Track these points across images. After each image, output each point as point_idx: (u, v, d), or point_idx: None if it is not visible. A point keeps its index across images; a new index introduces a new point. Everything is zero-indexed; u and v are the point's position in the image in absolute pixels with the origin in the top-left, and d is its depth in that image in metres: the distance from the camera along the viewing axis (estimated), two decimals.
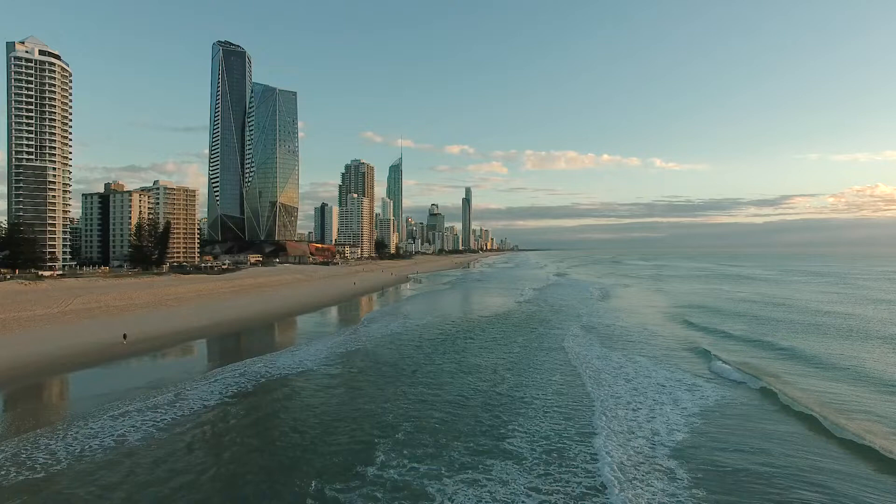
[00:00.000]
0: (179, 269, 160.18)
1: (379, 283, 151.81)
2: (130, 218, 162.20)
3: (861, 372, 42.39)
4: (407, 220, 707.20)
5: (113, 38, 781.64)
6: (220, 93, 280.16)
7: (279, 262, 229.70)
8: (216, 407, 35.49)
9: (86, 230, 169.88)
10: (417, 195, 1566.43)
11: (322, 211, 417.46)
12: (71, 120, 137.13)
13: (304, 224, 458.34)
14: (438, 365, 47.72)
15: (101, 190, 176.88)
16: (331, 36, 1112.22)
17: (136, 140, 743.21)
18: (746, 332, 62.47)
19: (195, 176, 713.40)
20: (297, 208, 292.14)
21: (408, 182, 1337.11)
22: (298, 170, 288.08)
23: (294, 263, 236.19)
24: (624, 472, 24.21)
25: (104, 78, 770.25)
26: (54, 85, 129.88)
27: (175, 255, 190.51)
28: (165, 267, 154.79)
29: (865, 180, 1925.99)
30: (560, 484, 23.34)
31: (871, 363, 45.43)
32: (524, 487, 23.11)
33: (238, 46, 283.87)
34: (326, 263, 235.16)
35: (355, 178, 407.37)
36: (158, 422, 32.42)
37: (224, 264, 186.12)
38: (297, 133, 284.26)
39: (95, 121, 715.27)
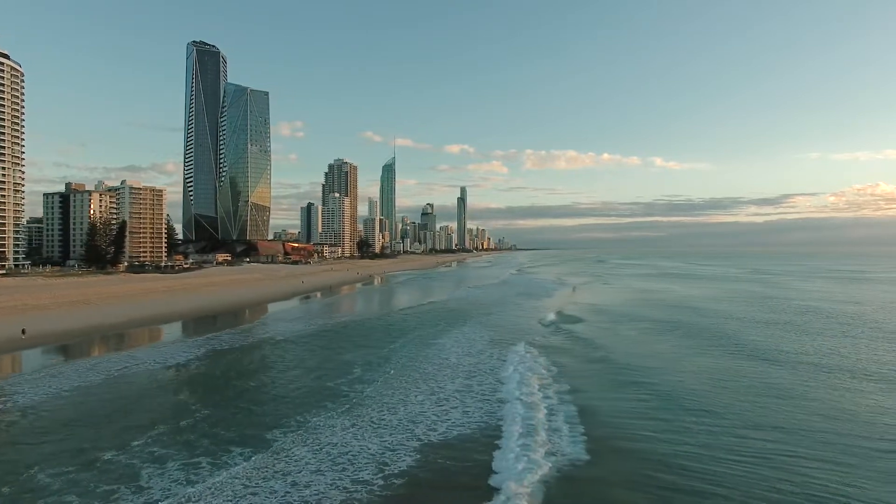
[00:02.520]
0: (138, 268, 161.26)
1: (329, 283, 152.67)
2: (90, 217, 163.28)
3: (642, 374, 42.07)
4: (403, 220, 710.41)
5: (113, 38, 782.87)
6: (193, 93, 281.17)
7: (249, 262, 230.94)
8: (40, 403, 36.06)
9: (47, 229, 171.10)
10: (417, 195, 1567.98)
11: (308, 210, 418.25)
12: (23, 119, 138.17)
13: (296, 224, 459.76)
14: (301, 362, 48.77)
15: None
16: (330, 36, 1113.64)
17: (137, 140, 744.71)
18: (611, 334, 61.30)
19: None
20: (268, 208, 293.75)
21: (408, 181, 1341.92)
22: (270, 169, 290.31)
23: (266, 262, 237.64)
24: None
25: (103, 78, 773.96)
26: (3, 84, 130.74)
27: (141, 254, 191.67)
28: (122, 266, 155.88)
29: (866, 179, 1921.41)
30: (275, 481, 24.06)
31: (671, 368, 44.63)
32: (227, 476, 23.91)
33: (213, 46, 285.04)
34: (297, 263, 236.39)
35: (338, 178, 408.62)
36: None
37: (186, 264, 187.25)
38: (268, 132, 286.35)
39: (95, 121, 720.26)
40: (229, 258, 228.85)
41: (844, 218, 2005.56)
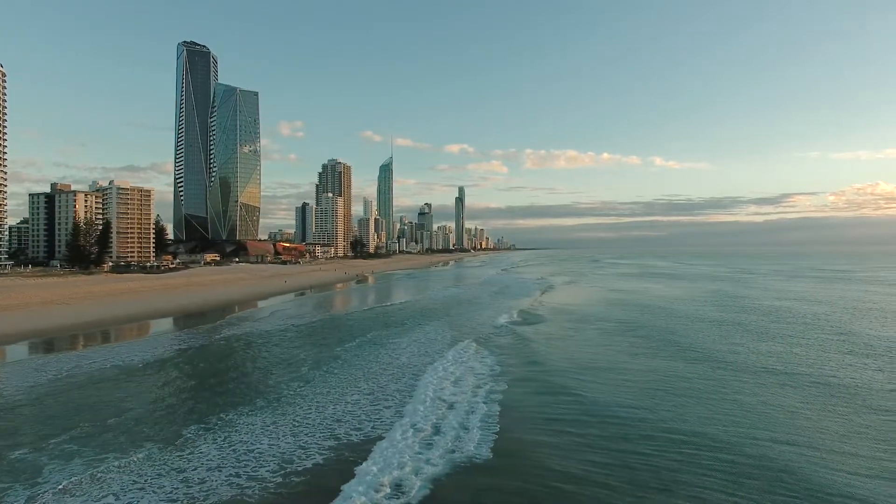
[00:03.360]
0: (123, 268, 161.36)
1: (312, 283, 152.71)
2: (75, 217, 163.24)
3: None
4: (401, 219, 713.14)
5: (113, 38, 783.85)
6: (184, 93, 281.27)
7: (238, 262, 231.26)
8: None
9: (32, 230, 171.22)
10: (417, 194, 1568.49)
11: (303, 210, 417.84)
12: (6, 118, 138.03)
13: (291, 224, 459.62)
14: (250, 361, 48.96)
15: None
16: (330, 36, 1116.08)
17: (137, 140, 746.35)
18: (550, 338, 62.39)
19: None
20: (258, 208, 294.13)
21: (408, 181, 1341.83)
22: (260, 169, 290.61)
23: (255, 263, 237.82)
24: None
25: (103, 79, 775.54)
26: None
27: (129, 254, 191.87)
28: (106, 266, 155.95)
29: (866, 178, 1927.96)
30: (168, 477, 24.23)
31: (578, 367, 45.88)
32: (118, 471, 24.07)
33: (203, 46, 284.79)
34: (285, 263, 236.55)
35: (332, 178, 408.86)
36: None
37: (172, 264, 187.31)
38: (258, 133, 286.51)
39: (95, 121, 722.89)
40: (218, 258, 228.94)
41: (844, 217, 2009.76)
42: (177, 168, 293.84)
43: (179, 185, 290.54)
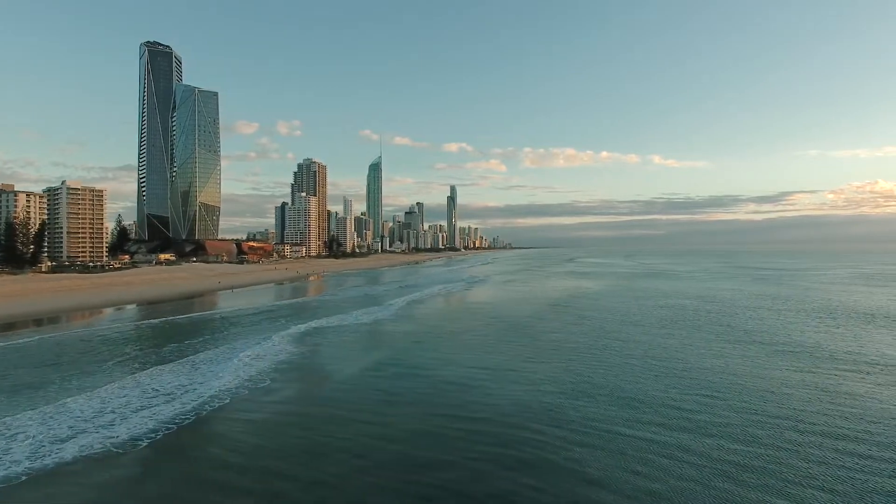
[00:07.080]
0: (65, 268, 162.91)
1: (249, 282, 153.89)
2: (13, 217, 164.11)
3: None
4: (393, 218, 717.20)
5: (112, 38, 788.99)
6: (146, 93, 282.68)
7: (195, 261, 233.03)
8: None
9: None
10: (415, 193, 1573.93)
11: (283, 210, 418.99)
12: None
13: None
14: (65, 355, 50.26)
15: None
16: (327, 35, 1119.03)
17: (135, 139, 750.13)
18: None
19: None
20: (218, 208, 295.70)
21: (406, 180, 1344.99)
22: (220, 170, 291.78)
23: (214, 262, 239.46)
24: None
25: (102, 77, 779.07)
26: None
27: (80, 254, 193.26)
28: (44, 266, 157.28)
29: (865, 176, 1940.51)
30: None
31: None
32: None
33: (166, 47, 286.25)
34: (242, 262, 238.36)
35: (307, 177, 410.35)
36: None
37: (118, 264, 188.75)
38: (218, 133, 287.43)
39: (94, 120, 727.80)
40: (173, 258, 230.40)
41: (843, 215, 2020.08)
42: (140, 168, 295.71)
43: (143, 185, 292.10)
